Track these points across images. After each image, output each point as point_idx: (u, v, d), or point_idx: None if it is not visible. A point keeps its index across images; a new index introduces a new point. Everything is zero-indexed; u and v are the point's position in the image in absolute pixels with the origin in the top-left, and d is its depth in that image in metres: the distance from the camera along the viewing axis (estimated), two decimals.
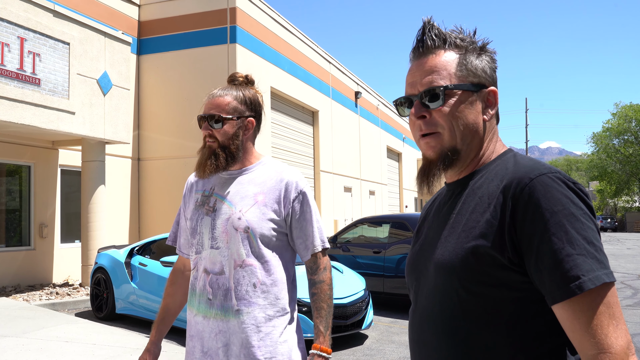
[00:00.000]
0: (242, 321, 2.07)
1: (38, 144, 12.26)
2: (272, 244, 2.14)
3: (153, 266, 8.32)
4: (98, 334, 7.00)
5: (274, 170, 2.23)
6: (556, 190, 1.15)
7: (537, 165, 1.22)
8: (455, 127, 1.32)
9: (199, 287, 2.15)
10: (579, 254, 1.10)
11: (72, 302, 10.16)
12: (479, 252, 1.19)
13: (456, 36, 1.37)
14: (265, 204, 2.14)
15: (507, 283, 1.18)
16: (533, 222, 1.14)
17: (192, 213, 2.24)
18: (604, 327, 1.08)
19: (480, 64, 1.36)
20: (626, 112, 54.50)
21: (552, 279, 1.11)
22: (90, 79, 11.22)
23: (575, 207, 1.14)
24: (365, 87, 26.97)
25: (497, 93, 1.37)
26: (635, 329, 8.02)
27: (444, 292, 1.26)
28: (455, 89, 1.32)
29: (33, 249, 12.24)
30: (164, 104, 15.31)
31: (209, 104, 2.20)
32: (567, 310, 1.10)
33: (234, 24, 14.67)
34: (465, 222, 1.26)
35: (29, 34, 9.90)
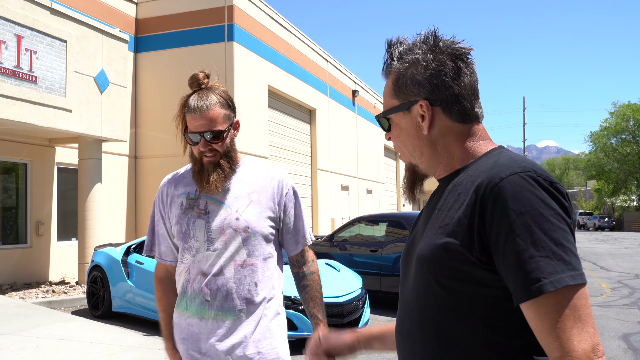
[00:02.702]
0: (242, 319, 2.08)
1: (35, 142, 12.24)
2: (269, 241, 2.16)
3: (150, 264, 8.30)
4: (94, 332, 6.98)
5: (260, 169, 2.23)
6: (526, 190, 1.14)
7: (513, 164, 1.20)
8: (402, 147, 1.39)
9: (192, 290, 2.12)
10: (543, 256, 1.09)
11: (69, 300, 10.14)
12: (449, 249, 1.20)
13: (400, 55, 1.36)
14: (260, 202, 2.14)
15: (479, 280, 1.18)
16: (500, 223, 1.14)
17: (179, 217, 2.17)
18: (567, 330, 1.07)
19: (410, 77, 1.33)
20: (624, 111, 54.54)
21: (516, 279, 1.11)
22: (87, 77, 11.19)
23: (546, 207, 1.12)
24: (363, 86, 26.97)
25: (426, 104, 1.32)
26: (632, 328, 8.03)
27: (421, 285, 1.28)
28: (386, 115, 1.38)
29: (29, 247, 12.22)
30: (161, 102, 15.29)
31: (201, 119, 2.09)
32: (532, 311, 1.10)
33: (231, 22, 14.65)
34: (443, 218, 1.27)
35: (26, 32, 9.87)
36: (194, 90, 2.17)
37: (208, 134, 2.10)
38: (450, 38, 1.35)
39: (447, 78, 1.32)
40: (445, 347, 1.23)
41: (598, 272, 15.31)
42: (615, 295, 11.17)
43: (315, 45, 20.66)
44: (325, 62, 21.73)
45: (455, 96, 1.32)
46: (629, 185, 55.75)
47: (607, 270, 15.92)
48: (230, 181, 2.17)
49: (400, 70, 1.36)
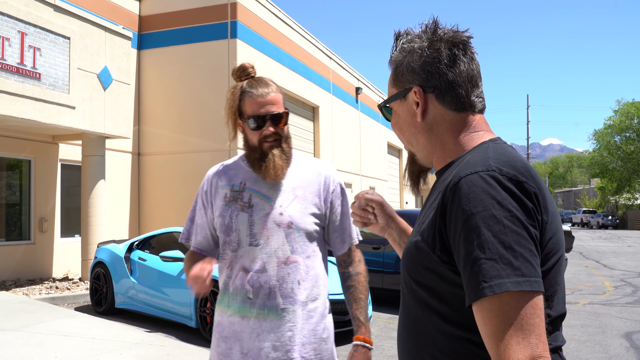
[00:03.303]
0: (287, 320, 2.00)
1: (38, 139, 12.26)
2: (313, 238, 2.10)
3: (152, 261, 8.33)
4: (97, 328, 7.00)
5: (307, 163, 2.17)
6: (481, 190, 1.10)
7: (480, 162, 1.17)
8: (400, 135, 1.42)
9: (234, 286, 2.05)
10: (488, 259, 1.05)
11: (72, 297, 10.17)
12: (419, 247, 1.22)
13: (402, 46, 1.37)
14: (305, 198, 2.09)
15: (444, 277, 1.18)
16: (455, 223, 1.12)
17: (223, 209, 2.11)
18: (506, 338, 1.03)
19: (405, 65, 1.35)
20: (628, 109, 54.39)
21: (464, 280, 1.10)
22: (91, 74, 11.21)
23: (501, 208, 1.08)
24: (366, 83, 26.95)
25: (418, 91, 1.32)
26: (635, 326, 8.02)
27: (404, 281, 1.32)
28: (386, 103, 1.42)
29: (33, 243, 12.25)
30: (164, 99, 15.30)
31: (267, 103, 2.08)
32: (477, 314, 1.08)
33: (234, 19, 14.65)
34: (422, 216, 1.29)
35: (29, 29, 9.89)
36: (244, 79, 2.17)
37: (274, 116, 2.08)
38: (452, 27, 1.35)
39: (442, 65, 1.30)
40: (420, 340, 1.25)
41: (601, 270, 15.29)
42: (618, 293, 11.15)
43: (318, 42, 20.64)
44: (329, 59, 21.71)
45: (449, 83, 1.30)
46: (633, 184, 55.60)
47: (610, 268, 15.90)
48: None
49: (398, 60, 1.37)
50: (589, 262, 17.52)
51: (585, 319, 8.47)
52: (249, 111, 2.10)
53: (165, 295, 7.91)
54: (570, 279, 13.24)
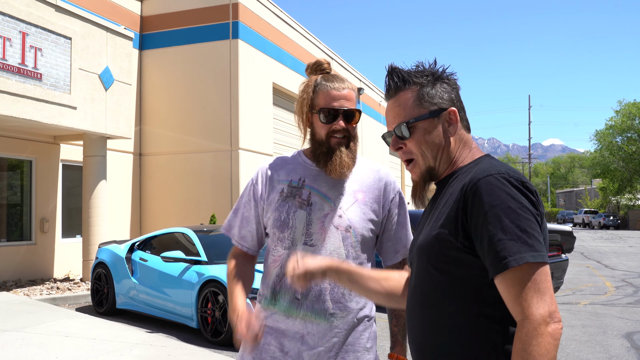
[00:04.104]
0: (334, 325, 1.95)
1: (39, 139, 12.27)
2: (368, 245, 2.05)
3: (154, 261, 8.33)
4: (98, 329, 7.00)
5: (369, 168, 2.12)
6: (497, 188, 1.40)
7: (491, 168, 1.46)
8: (426, 150, 1.61)
9: (282, 285, 2.00)
10: (510, 239, 1.34)
11: (73, 297, 10.18)
12: (440, 238, 1.47)
13: (414, 74, 1.62)
14: (365, 203, 2.03)
15: (465, 262, 1.44)
16: (478, 214, 1.40)
17: (278, 204, 2.05)
18: (528, 298, 1.32)
19: (436, 92, 1.60)
20: (629, 109, 54.32)
21: (489, 258, 1.37)
22: (92, 74, 11.21)
23: (514, 201, 1.38)
24: (368, 84, 26.96)
25: (456, 112, 1.60)
26: (636, 326, 8.01)
27: (421, 270, 1.54)
28: (415, 121, 1.60)
29: (34, 244, 12.26)
30: (165, 100, 15.31)
31: (342, 97, 2.04)
32: (501, 283, 1.36)
33: (236, 19, 14.65)
34: (437, 214, 1.54)
35: (30, 29, 9.89)
36: (319, 74, 2.12)
37: (346, 112, 2.05)
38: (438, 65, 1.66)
39: (458, 96, 1.64)
40: (440, 319, 1.48)
41: (602, 271, 15.27)
42: (619, 293, 11.14)
43: (320, 42, 20.65)
44: (330, 59, 21.71)
45: (463, 109, 1.65)
46: (634, 184, 55.51)
47: (611, 268, 15.88)
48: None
49: (422, 85, 1.61)
50: (590, 263, 17.50)
51: (586, 319, 8.46)
52: (321, 103, 2.05)
53: (167, 295, 7.91)
54: (571, 279, 13.22)
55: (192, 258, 7.75)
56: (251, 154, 14.86)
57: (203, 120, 14.83)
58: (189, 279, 7.57)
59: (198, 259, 7.73)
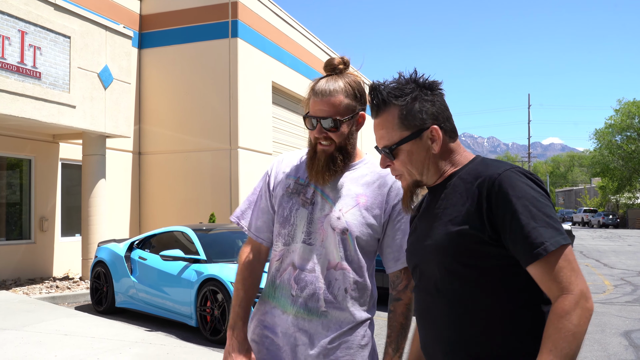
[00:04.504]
0: (326, 324, 1.97)
1: (39, 138, 12.28)
2: (367, 249, 2.03)
3: (153, 260, 8.34)
4: (97, 327, 7.01)
5: (377, 173, 2.07)
6: (518, 180, 1.50)
7: (502, 164, 1.58)
8: (412, 168, 1.68)
9: (280, 280, 2.04)
10: (541, 226, 1.44)
11: (72, 296, 10.19)
12: (465, 234, 1.53)
13: (394, 94, 1.65)
14: (366, 207, 2.01)
15: (492, 254, 1.51)
16: (505, 206, 1.48)
17: (283, 199, 2.07)
18: (567, 276, 1.42)
19: (417, 111, 1.64)
20: (629, 108, 54.32)
21: (524, 246, 1.44)
22: (91, 73, 11.22)
23: (534, 191, 1.49)
24: (367, 82, 26.92)
25: (437, 129, 1.65)
26: (634, 325, 8.03)
27: (444, 269, 1.59)
28: (398, 146, 1.65)
29: (33, 243, 12.26)
30: (165, 98, 15.31)
31: (321, 104, 1.98)
32: (539, 268, 1.44)
33: (235, 18, 14.65)
34: (450, 213, 1.60)
35: (29, 27, 9.89)
36: (327, 74, 2.07)
37: (325, 120, 1.97)
38: (418, 75, 1.69)
39: (442, 105, 1.68)
40: (473, 313, 1.54)
41: (601, 270, 15.29)
42: (618, 292, 11.16)
43: (319, 42, 20.64)
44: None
45: (448, 118, 1.69)
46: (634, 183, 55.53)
47: (610, 267, 15.90)
48: (343, 178, 2.05)
49: (403, 105, 1.64)
50: (589, 261, 17.52)
51: None
52: (310, 109, 2.04)
53: (166, 294, 7.92)
54: None
55: (191, 257, 7.76)
56: (250, 153, 14.86)
57: (202, 119, 14.84)
58: (188, 277, 7.58)
59: (197, 257, 7.74)
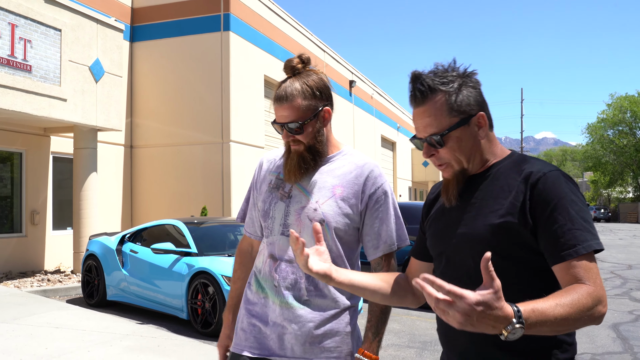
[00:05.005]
0: (310, 312, 2.03)
1: (30, 131, 12.24)
2: (346, 238, 2.08)
3: (144, 253, 8.35)
4: (88, 320, 7.02)
5: (354, 163, 2.13)
6: (562, 182, 1.56)
7: (547, 163, 1.64)
8: (459, 156, 1.68)
9: (264, 271, 2.11)
10: (577, 229, 1.49)
11: (64, 289, 10.18)
12: (507, 227, 1.57)
13: (439, 81, 1.65)
14: (342, 198, 2.07)
15: (528, 247, 1.56)
16: (545, 204, 1.54)
17: (265, 195, 2.17)
18: (592, 279, 1.46)
19: (464, 98, 1.65)
20: (621, 103, 54.55)
21: (555, 245, 1.50)
22: (82, 66, 11.18)
23: (574, 195, 1.55)
24: (360, 76, 26.95)
25: (484, 116, 1.67)
26: (622, 317, 8.10)
27: (478, 259, 1.54)
28: (448, 132, 1.65)
29: (25, 236, 12.24)
30: (157, 92, 15.28)
31: (282, 109, 2.04)
32: (565, 268, 1.49)
33: (227, 11, 14.62)
34: (491, 204, 1.64)
35: (20, 20, 9.85)
36: (287, 77, 2.11)
37: (288, 125, 2.04)
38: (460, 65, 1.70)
39: (481, 92, 1.70)
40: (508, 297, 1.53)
41: None
42: (608, 285, 11.24)
43: (312, 35, 20.62)
44: (322, 52, 21.69)
45: (488, 109, 1.72)
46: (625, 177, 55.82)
47: (600, 261, 16.00)
48: (320, 170, 2.11)
49: (451, 92, 1.65)
50: None
51: None
52: (275, 115, 2.11)
53: (157, 287, 7.94)
54: None
55: (182, 250, 7.77)
56: (242, 147, 14.86)
57: (194, 112, 14.82)
58: (179, 270, 7.60)
59: (188, 250, 7.76)
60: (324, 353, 2.04)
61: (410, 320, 8.04)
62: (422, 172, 38.43)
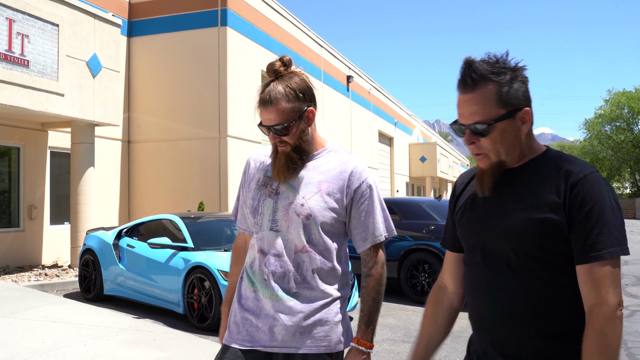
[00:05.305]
0: (299, 303, 2.11)
1: (27, 126, 12.26)
2: (332, 232, 2.17)
3: (141, 248, 8.39)
4: (85, 315, 7.07)
5: (339, 160, 2.22)
6: (600, 185, 1.61)
7: (586, 165, 1.68)
8: (500, 148, 1.70)
9: (255, 266, 2.19)
10: (606, 233, 1.55)
11: (61, 284, 10.22)
12: (549, 222, 1.62)
13: (492, 70, 1.66)
14: (328, 193, 2.15)
15: (567, 242, 1.62)
16: (582, 205, 1.59)
17: (254, 192, 2.24)
18: (607, 286, 1.54)
19: (514, 92, 1.67)
20: (619, 98, 54.62)
21: (583, 246, 1.57)
22: (80, 61, 11.20)
23: (610, 199, 1.60)
24: (357, 71, 26.95)
25: (530, 112, 1.70)
26: None
27: (518, 251, 1.67)
28: (495, 122, 1.67)
29: (22, 231, 12.28)
30: (154, 87, 15.29)
31: (267, 113, 2.13)
32: (587, 269, 1.57)
33: (225, 6, 14.62)
34: (530, 199, 1.67)
35: (17, 15, 9.86)
36: (270, 80, 2.19)
37: (274, 127, 2.12)
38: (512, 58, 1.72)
39: (529, 91, 1.72)
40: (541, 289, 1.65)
41: None
42: None
43: (309, 30, 20.62)
44: (320, 47, 21.70)
45: (531, 105, 1.74)
46: (623, 173, 55.94)
47: None
48: (306, 167, 2.19)
49: (502, 83, 1.67)
50: None
51: None
52: (260, 118, 2.20)
53: (154, 282, 7.98)
54: None
55: (178, 244, 7.81)
56: (239, 142, 14.89)
57: (191, 107, 14.84)
58: (175, 265, 7.64)
59: (185, 245, 7.80)
60: (313, 342, 2.11)
61: (405, 315, 8.10)
62: (419, 168, 38.45)
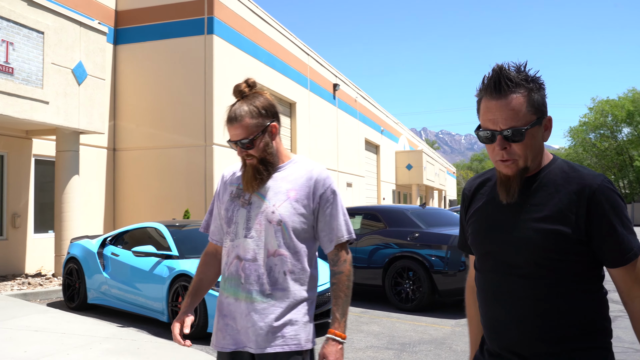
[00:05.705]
0: (272, 304, 2.29)
1: (11, 134, 12.19)
2: (302, 236, 2.37)
3: (125, 256, 8.36)
4: (68, 324, 7.04)
5: (304, 169, 2.42)
6: (613, 193, 1.73)
7: (594, 173, 1.79)
8: (529, 153, 1.77)
9: (229, 272, 2.36)
10: (630, 234, 1.71)
11: (45, 293, 10.15)
12: (560, 233, 1.71)
13: (523, 79, 1.74)
14: (296, 200, 2.35)
15: (578, 251, 1.73)
16: (602, 216, 1.70)
17: (228, 204, 2.43)
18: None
19: (540, 99, 1.76)
20: (602, 106, 55.18)
21: (618, 251, 1.71)
22: (65, 69, 11.17)
23: (622, 204, 1.74)
24: (344, 80, 27.05)
25: (551, 120, 1.81)
26: None
27: (530, 260, 1.76)
28: (530, 128, 1.74)
29: (5, 239, 12.19)
30: (140, 95, 15.27)
31: (234, 129, 2.34)
32: (625, 270, 1.73)
33: (211, 15, 14.66)
34: (541, 210, 1.77)
35: (2, 23, 9.83)
36: (236, 100, 2.40)
37: (240, 142, 2.33)
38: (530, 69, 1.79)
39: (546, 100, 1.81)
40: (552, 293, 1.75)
41: None
42: None
43: (296, 38, 20.69)
44: (306, 55, 21.77)
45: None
46: None
47: None
48: (274, 177, 2.38)
49: (533, 90, 1.75)
50: None
51: None
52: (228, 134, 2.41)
53: (138, 290, 7.96)
54: None
55: (163, 253, 7.80)
56: (225, 150, 14.90)
57: (177, 115, 14.83)
58: (160, 273, 7.63)
59: (169, 253, 7.79)
60: (284, 341, 2.28)
61: (390, 322, 8.13)
62: (405, 175, 38.59)
